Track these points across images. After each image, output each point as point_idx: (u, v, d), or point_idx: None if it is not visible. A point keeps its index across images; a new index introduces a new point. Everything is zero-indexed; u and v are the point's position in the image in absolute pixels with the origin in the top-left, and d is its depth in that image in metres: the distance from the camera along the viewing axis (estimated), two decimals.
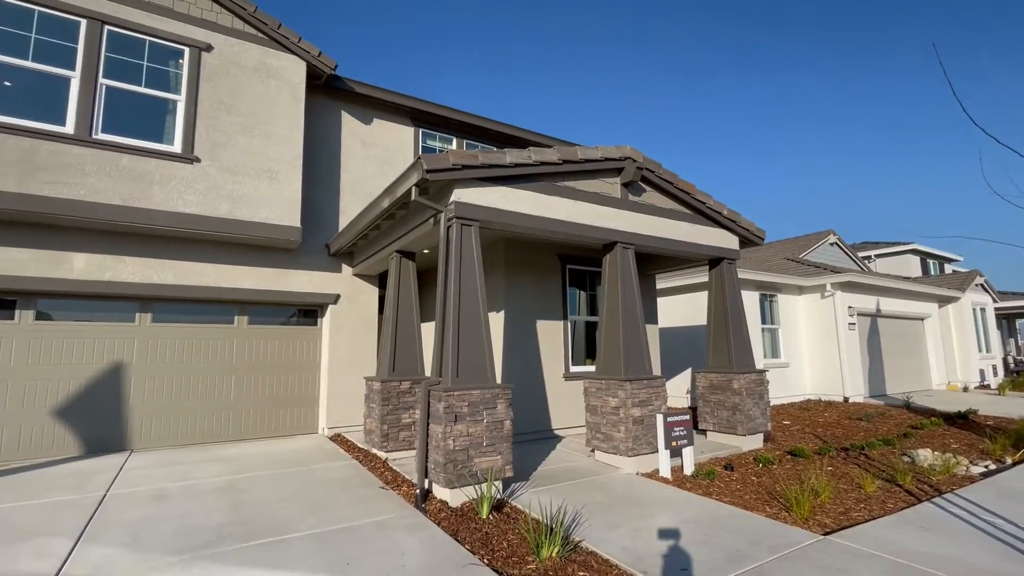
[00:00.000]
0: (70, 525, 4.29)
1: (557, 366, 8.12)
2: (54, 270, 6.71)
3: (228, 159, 7.46)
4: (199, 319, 7.90)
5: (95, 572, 3.43)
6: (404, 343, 6.89)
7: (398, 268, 7.04)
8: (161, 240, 7.34)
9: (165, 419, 7.49)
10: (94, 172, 6.58)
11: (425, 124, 9.92)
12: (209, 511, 4.65)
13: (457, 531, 4.20)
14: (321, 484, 5.53)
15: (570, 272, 8.54)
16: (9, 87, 6.42)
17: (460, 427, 4.81)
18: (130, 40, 7.06)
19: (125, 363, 7.31)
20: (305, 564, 3.56)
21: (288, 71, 8.07)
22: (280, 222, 7.70)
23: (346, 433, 8.23)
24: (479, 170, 5.30)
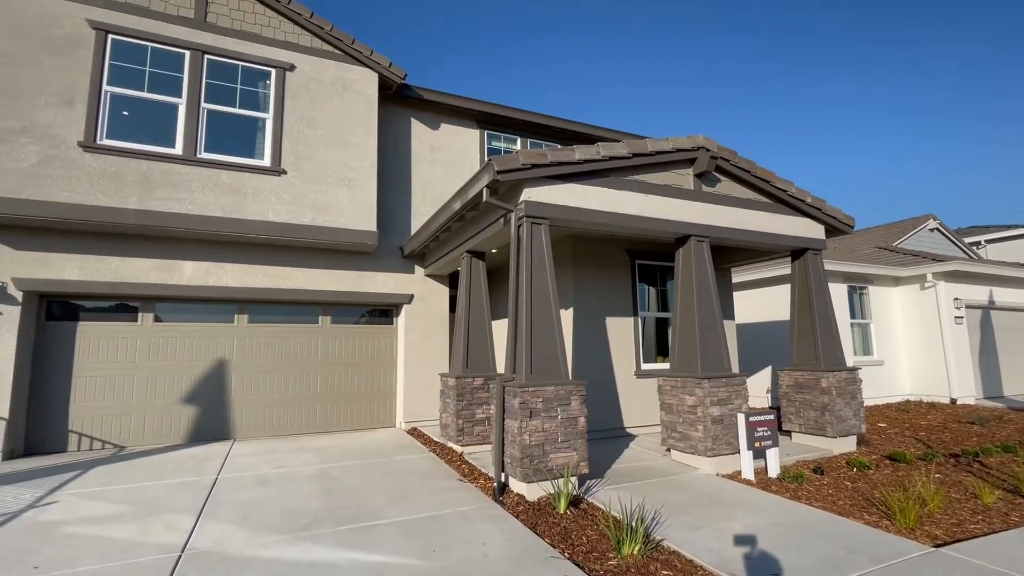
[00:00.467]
0: (191, 503, 4.80)
1: (628, 364, 7.99)
2: (168, 277, 7.51)
3: (310, 170, 8.00)
4: (288, 319, 8.54)
5: (215, 546, 3.83)
6: (476, 340, 7.06)
7: (469, 268, 7.22)
8: (255, 247, 8.00)
9: (261, 411, 8.16)
10: (199, 188, 7.29)
11: (490, 126, 10.10)
12: (305, 496, 5.03)
13: (535, 524, 4.26)
14: (402, 475, 5.81)
15: (640, 267, 8.37)
16: (127, 116, 7.25)
17: (535, 423, 4.88)
18: (225, 66, 7.75)
19: (227, 360, 8.05)
20: (395, 549, 3.77)
21: (362, 83, 8.52)
22: (358, 227, 8.16)
23: (422, 427, 8.56)
24: (548, 168, 5.34)
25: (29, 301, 6.85)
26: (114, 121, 7.08)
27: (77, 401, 7.16)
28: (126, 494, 5.09)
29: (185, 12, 7.56)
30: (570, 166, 5.48)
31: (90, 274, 7.08)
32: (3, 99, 6.50)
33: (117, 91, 7.10)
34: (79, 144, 6.76)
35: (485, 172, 5.22)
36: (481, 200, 5.44)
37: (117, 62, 7.14)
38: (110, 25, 7.09)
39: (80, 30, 6.97)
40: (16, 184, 6.43)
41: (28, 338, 6.88)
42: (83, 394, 7.20)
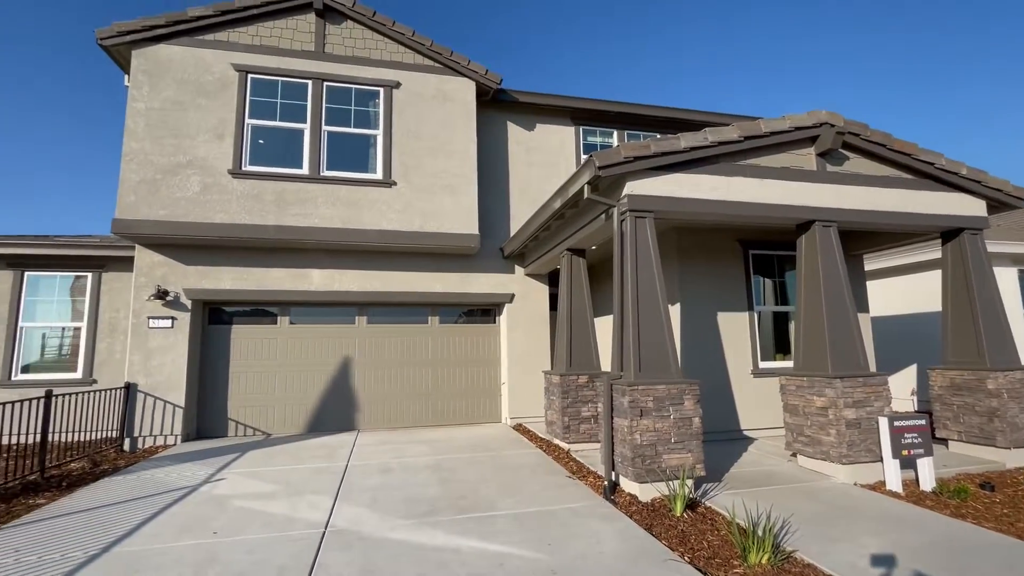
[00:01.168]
0: (327, 486, 5.36)
1: (743, 361, 7.47)
2: (300, 284, 8.42)
3: (417, 179, 8.52)
4: (401, 320, 9.16)
5: (352, 525, 4.23)
6: (579, 338, 7.05)
7: (569, 266, 7.22)
8: (370, 254, 8.69)
9: (380, 405, 8.85)
10: (323, 203, 8.09)
11: (584, 121, 10.01)
12: (424, 485, 5.38)
13: (651, 525, 4.16)
14: (511, 469, 5.97)
15: (754, 258, 7.78)
16: (263, 144, 8.25)
17: (646, 422, 4.76)
18: (341, 91, 8.51)
19: (350, 357, 8.83)
20: (511, 540, 3.90)
21: (460, 92, 8.89)
22: (461, 231, 8.53)
23: (527, 423, 8.73)
24: (652, 159, 5.17)
25: (196, 308, 8.06)
26: (254, 149, 8.10)
27: (234, 394, 8.30)
28: (276, 475, 5.81)
29: (307, 46, 8.43)
30: (675, 155, 5.26)
31: (240, 283, 8.16)
32: (173, 139, 7.74)
33: (256, 123, 8.12)
34: (228, 171, 7.83)
35: (586, 168, 5.19)
36: (582, 197, 5.42)
37: (255, 97, 8.16)
38: (249, 66, 8.13)
39: (227, 73, 8.06)
40: (184, 209, 7.61)
41: (196, 340, 8.11)
42: (238, 388, 8.33)
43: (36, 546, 3.87)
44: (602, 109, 9.76)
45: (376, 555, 3.66)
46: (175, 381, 7.73)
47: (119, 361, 8.53)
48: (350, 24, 8.67)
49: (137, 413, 7.55)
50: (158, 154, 7.65)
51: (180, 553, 3.71)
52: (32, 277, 8.76)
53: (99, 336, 8.74)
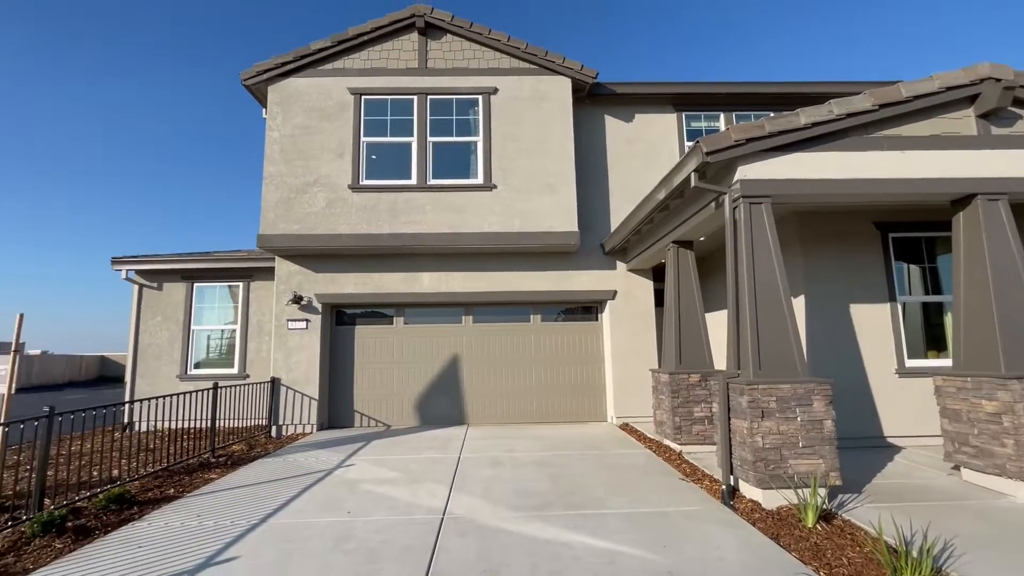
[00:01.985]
0: (443, 476, 5.67)
1: (885, 359, 6.60)
2: (412, 286, 9.01)
3: (516, 181, 8.70)
4: (505, 319, 9.41)
5: (467, 513, 4.44)
6: (689, 334, 6.71)
7: (676, 259, 6.91)
8: (474, 256, 9.04)
9: (486, 401, 9.16)
10: (430, 210, 8.59)
11: (687, 107, 9.51)
12: (533, 479, 5.47)
13: (777, 535, 3.84)
14: (620, 469, 5.86)
15: (895, 242, 6.84)
16: (376, 159, 8.96)
17: (768, 424, 4.40)
18: (443, 103, 8.96)
19: (458, 355, 9.26)
20: (624, 539, 3.82)
21: (556, 91, 8.91)
22: (560, 229, 8.55)
23: (633, 423, 8.50)
24: (766, 140, 4.77)
25: (325, 311, 8.98)
26: (369, 165, 8.83)
27: (358, 388, 9.12)
28: (397, 463, 6.28)
29: (411, 64, 9.01)
30: (794, 133, 4.80)
31: (361, 287, 8.94)
32: (302, 161, 8.70)
33: (369, 140, 8.85)
34: (348, 187, 8.62)
35: (692, 155, 4.94)
36: (688, 186, 5.16)
37: (368, 117, 8.90)
38: (362, 88, 8.88)
39: (344, 98, 8.89)
40: (313, 223, 8.53)
41: (326, 339, 9.03)
42: (361, 383, 9.13)
43: (212, 513, 4.57)
44: (706, 92, 9.21)
45: (491, 543, 3.80)
46: (310, 376, 8.68)
47: (265, 359, 9.77)
48: (449, 38, 9.10)
49: (281, 404, 8.60)
50: (291, 175, 8.65)
51: (321, 528, 4.16)
52: (199, 288, 10.37)
53: (249, 336, 10.09)
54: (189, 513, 4.58)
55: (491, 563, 3.46)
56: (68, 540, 3.98)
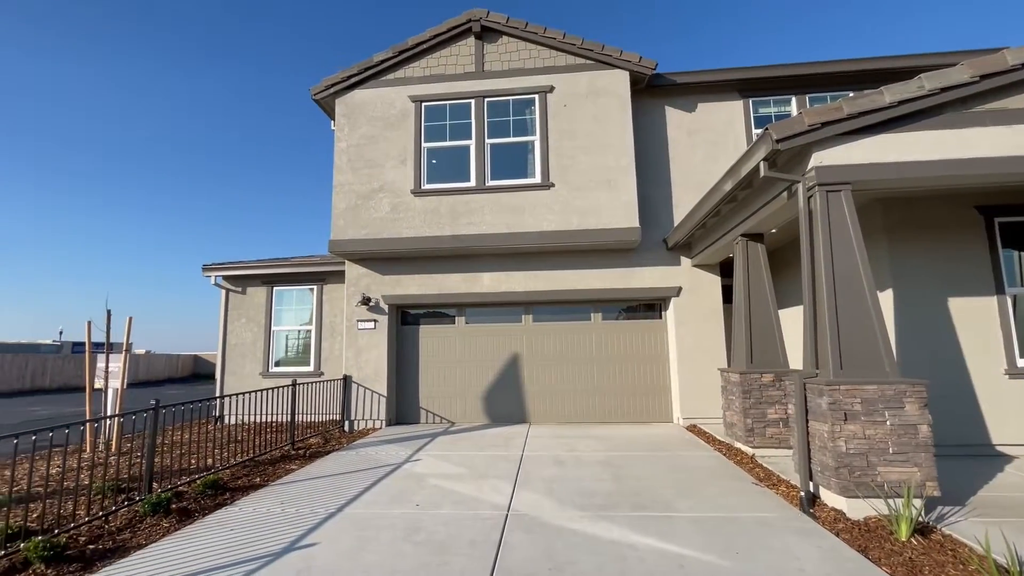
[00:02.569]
0: (506, 473, 5.74)
1: (991, 359, 5.93)
2: (472, 287, 9.18)
3: (574, 178, 8.64)
4: (565, 318, 9.37)
5: (531, 511, 4.47)
6: (760, 332, 6.37)
7: (744, 253, 6.58)
8: (533, 256, 9.07)
9: (546, 400, 9.16)
10: (489, 211, 8.71)
11: (754, 92, 9.03)
12: (597, 479, 5.41)
13: (865, 548, 3.56)
14: (688, 471, 5.66)
15: (1002, 228, 6.13)
16: (436, 163, 9.20)
17: (852, 427, 4.09)
18: (500, 104, 9.06)
19: (519, 354, 9.33)
20: (692, 542, 3.70)
21: (613, 85, 8.76)
22: (620, 225, 8.39)
23: (701, 424, 8.18)
24: (845, 123, 4.44)
25: (391, 312, 9.35)
26: (429, 169, 9.10)
27: (423, 386, 9.42)
28: (461, 459, 6.42)
29: (468, 68, 9.18)
30: (877, 113, 4.43)
31: (424, 288, 9.23)
32: (368, 169, 9.11)
33: (430, 145, 9.11)
34: (411, 192, 8.93)
35: (761, 144, 4.68)
36: (758, 176, 4.90)
37: (428, 123, 9.17)
38: (423, 95, 9.16)
39: (405, 106, 9.21)
40: (378, 228, 8.90)
41: (392, 339, 9.40)
42: (426, 381, 9.42)
43: (293, 501, 4.90)
44: (775, 75, 8.70)
45: (556, 541, 3.80)
46: (379, 374, 9.07)
47: (337, 357, 10.32)
48: (504, 39, 9.19)
49: (352, 400, 9.05)
50: (357, 183, 9.08)
51: (392, 519, 4.35)
52: (278, 291, 11.12)
53: (323, 336, 10.70)
54: (274, 501, 4.94)
55: (556, 561, 3.47)
56: (173, 520, 4.41)
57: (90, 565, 3.59)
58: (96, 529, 4.19)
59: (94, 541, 3.99)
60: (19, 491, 5.10)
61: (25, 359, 23.04)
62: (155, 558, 3.67)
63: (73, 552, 3.75)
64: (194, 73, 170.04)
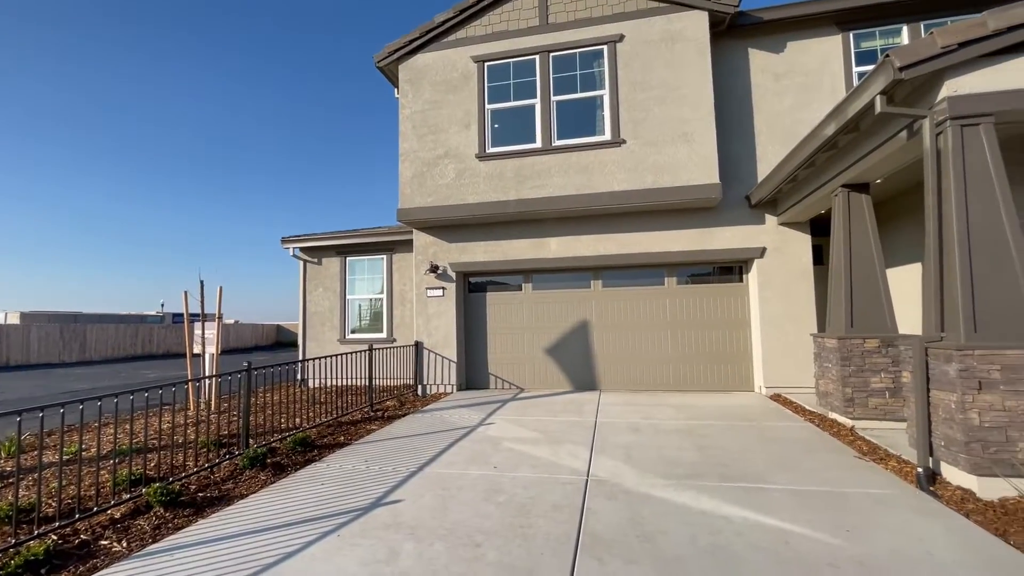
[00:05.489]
0: (582, 438, 5.63)
1: None
2: (539, 252, 8.98)
3: (646, 133, 8.10)
4: (637, 282, 8.99)
5: (612, 478, 4.34)
6: (864, 292, 5.74)
7: (846, 206, 5.90)
8: (602, 218, 8.70)
9: (618, 367, 8.92)
10: (556, 172, 8.39)
11: (856, 23, 7.95)
12: (678, 448, 5.18)
13: (1005, 532, 3.13)
14: (777, 442, 5.29)
15: None
16: (500, 126, 8.94)
17: (988, 398, 3.57)
18: (566, 59, 8.59)
19: (588, 320, 9.10)
20: (794, 517, 3.42)
21: (690, 29, 8.02)
22: (699, 182, 7.81)
23: (786, 394, 7.66)
24: (989, 41, 3.73)
25: (459, 279, 9.39)
26: (493, 132, 8.87)
27: (491, 352, 9.46)
28: (534, 424, 6.39)
29: (532, 22, 8.74)
30: None
31: (490, 255, 9.16)
32: (432, 135, 9.03)
33: (493, 107, 8.85)
34: (475, 156, 8.77)
35: (878, 74, 4.06)
36: (871, 113, 4.28)
37: (491, 83, 8.89)
38: (485, 55, 8.86)
39: (468, 67, 8.96)
40: (444, 194, 8.86)
41: (461, 306, 9.46)
42: (494, 347, 9.45)
43: (376, 460, 5.07)
44: (883, 0, 7.58)
45: (641, 509, 3.65)
46: (448, 340, 9.20)
47: (408, 324, 10.58)
48: None
49: (424, 365, 9.27)
50: (422, 150, 9.04)
51: (472, 480, 4.37)
52: (350, 261, 11.50)
53: (394, 304, 10.99)
54: (358, 459, 5.13)
55: (645, 529, 3.32)
56: (269, 473, 4.69)
57: (201, 511, 3.88)
58: (203, 479, 4.54)
59: (203, 489, 4.31)
60: (138, 443, 5.64)
61: (135, 329, 25.77)
62: (257, 507, 3.91)
63: (185, 499, 4.07)
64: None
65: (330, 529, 3.44)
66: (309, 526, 3.50)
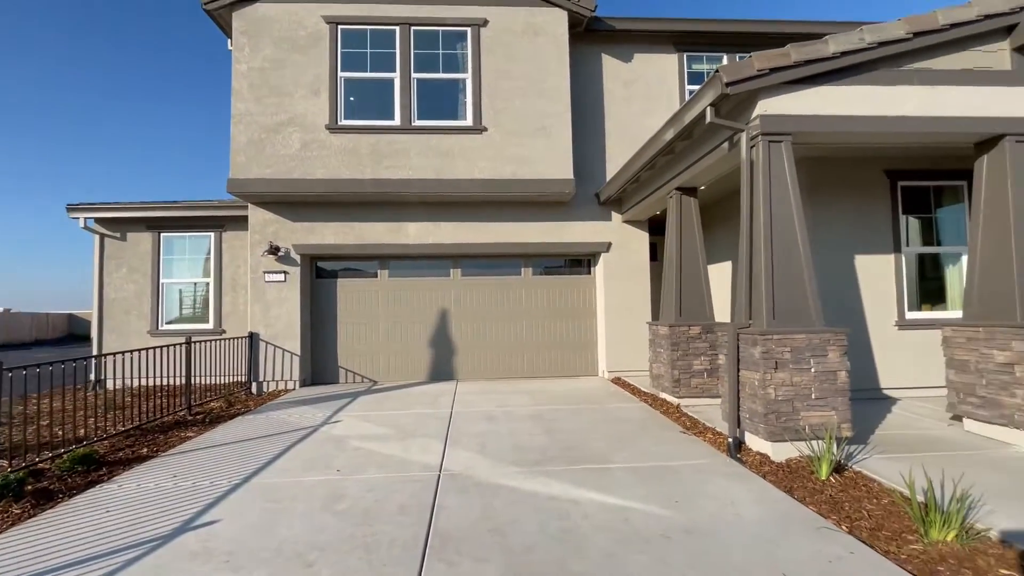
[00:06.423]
0: (436, 431, 5.43)
1: (885, 311, 6.48)
2: (397, 237, 8.51)
3: (508, 123, 8.12)
4: (494, 272, 9.04)
5: (465, 471, 4.21)
6: (690, 286, 6.46)
7: (678, 207, 6.56)
8: (463, 206, 8.54)
9: (476, 356, 8.91)
10: (416, 154, 8.00)
11: (690, 46, 8.92)
12: (530, 434, 5.27)
13: (791, 488, 3.70)
14: (618, 422, 5.70)
15: (904, 191, 6.59)
16: (356, 97, 8.23)
17: (781, 375, 4.21)
18: (428, 34, 8.20)
19: (447, 310, 8.91)
20: (633, 494, 3.64)
21: (551, 24, 8.22)
22: (555, 176, 8.08)
23: (625, 377, 8.37)
24: (791, 71, 4.35)
25: (304, 263, 8.47)
26: (348, 104, 8.12)
27: (342, 343, 8.75)
28: (386, 419, 6.01)
29: None
30: (821, 63, 4.39)
31: (342, 238, 8.41)
32: (274, 98, 7.95)
33: (348, 75, 8.10)
34: (326, 127, 7.94)
35: (709, 87, 4.50)
36: (703, 123, 4.74)
37: (346, 49, 8.11)
38: (339, 17, 8.04)
39: (318, 27, 8.05)
40: (287, 166, 7.88)
41: (307, 293, 8.56)
42: (345, 338, 8.75)
43: (189, 473, 4.25)
44: (711, 30, 8.62)
45: (493, 500, 3.57)
46: (291, 331, 8.26)
47: (242, 313, 9.27)
48: None
49: (260, 360, 8.20)
50: (261, 113, 7.91)
51: (309, 487, 3.88)
52: (167, 238, 9.67)
53: (224, 290, 9.53)
54: (164, 474, 4.25)
55: (496, 522, 3.24)
56: (27, 505, 3.62)
57: None
58: None
59: None
60: None
61: None
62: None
63: None
64: None
65: (109, 572, 2.72)
66: (74, 572, 2.73)
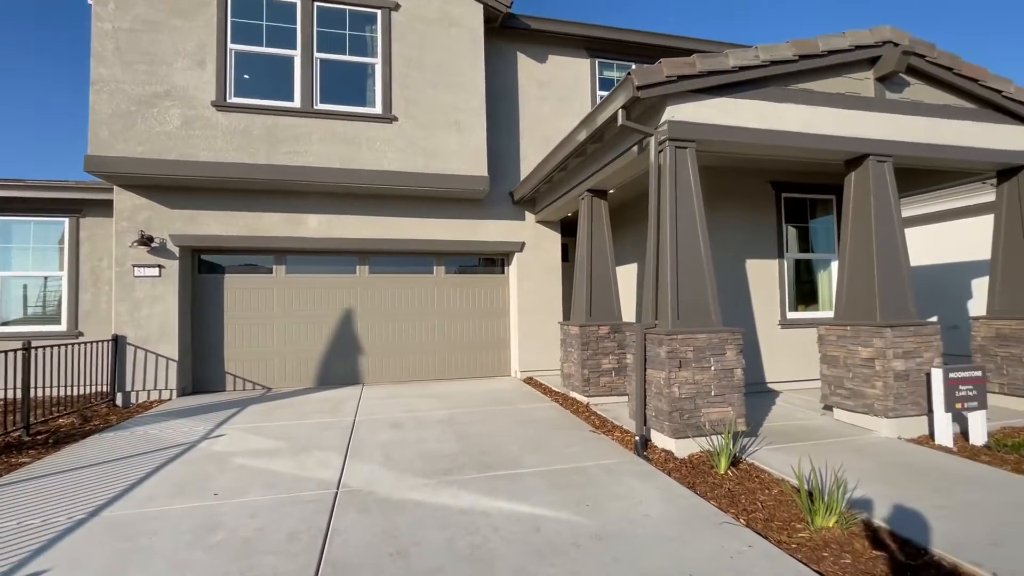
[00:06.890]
0: (335, 442, 4.98)
1: (770, 312, 7.07)
2: (295, 230, 7.81)
3: (420, 115, 7.77)
4: (405, 270, 8.63)
5: (366, 486, 3.86)
6: (599, 287, 6.57)
7: (589, 208, 6.65)
8: (371, 199, 8.04)
9: (385, 358, 8.45)
10: (318, 139, 7.37)
11: (601, 53, 9.15)
12: (440, 440, 5.02)
13: (693, 484, 3.82)
14: (531, 424, 5.63)
15: (786, 202, 7.24)
16: (251, 73, 7.42)
17: (685, 374, 4.35)
18: (334, 12, 7.60)
19: (352, 309, 8.35)
20: (544, 500, 3.54)
21: (467, 16, 8.00)
22: (469, 172, 7.87)
23: (537, 376, 8.39)
24: (696, 80, 4.52)
25: (184, 256, 7.47)
26: (240, 80, 7.29)
27: (230, 347, 7.85)
28: (279, 431, 5.43)
29: None
30: (722, 75, 4.61)
31: (229, 229, 7.54)
32: (147, 66, 6.91)
33: (240, 48, 7.27)
34: (212, 104, 7.06)
35: (621, 90, 4.54)
36: (614, 125, 4.79)
37: (238, 19, 7.27)
38: None
39: None
40: (165, 145, 6.90)
41: (187, 290, 7.57)
42: (234, 340, 7.87)
43: (16, 510, 3.47)
44: (622, 39, 8.90)
45: (398, 518, 3.29)
46: (166, 333, 7.24)
47: (106, 312, 7.99)
48: None
49: (128, 367, 7.10)
50: (131, 82, 6.85)
51: (177, 518, 3.32)
52: (4, 223, 8.09)
53: (82, 286, 8.16)
54: None
55: (399, 544, 2.96)
56: None
57: None
58: None
59: None
60: None
61: None
62: None
63: None
64: None
65: None
66: None
